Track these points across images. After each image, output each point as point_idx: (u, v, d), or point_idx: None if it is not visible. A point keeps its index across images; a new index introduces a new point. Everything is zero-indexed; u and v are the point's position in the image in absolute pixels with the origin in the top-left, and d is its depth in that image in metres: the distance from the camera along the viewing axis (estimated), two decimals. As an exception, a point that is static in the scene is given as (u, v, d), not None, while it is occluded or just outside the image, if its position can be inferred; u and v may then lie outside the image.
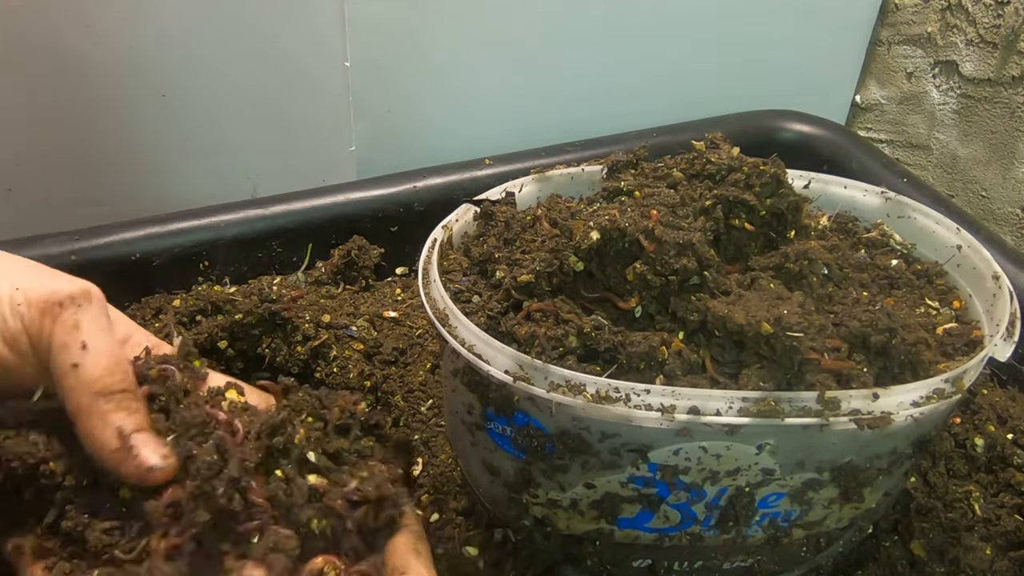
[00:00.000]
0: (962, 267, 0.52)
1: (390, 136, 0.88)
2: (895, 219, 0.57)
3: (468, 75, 0.87)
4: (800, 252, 0.47)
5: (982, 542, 0.55)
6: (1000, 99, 0.88)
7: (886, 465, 0.45)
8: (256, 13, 0.77)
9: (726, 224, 0.48)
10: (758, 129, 0.92)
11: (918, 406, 0.41)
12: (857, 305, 0.47)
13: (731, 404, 0.40)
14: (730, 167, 0.49)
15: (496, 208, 0.54)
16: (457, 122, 0.90)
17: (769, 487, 0.44)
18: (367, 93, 0.84)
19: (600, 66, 0.92)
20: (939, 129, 0.97)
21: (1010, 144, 0.88)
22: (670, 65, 0.94)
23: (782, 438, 0.41)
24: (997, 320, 0.47)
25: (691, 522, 0.46)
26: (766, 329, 0.41)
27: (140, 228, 0.72)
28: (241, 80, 0.79)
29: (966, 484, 0.59)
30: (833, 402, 0.40)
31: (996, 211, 0.92)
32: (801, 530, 0.48)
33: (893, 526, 0.56)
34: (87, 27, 0.72)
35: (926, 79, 0.97)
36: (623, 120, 0.90)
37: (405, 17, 0.81)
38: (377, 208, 0.79)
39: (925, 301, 0.51)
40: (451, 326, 0.44)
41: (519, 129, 0.90)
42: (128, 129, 0.79)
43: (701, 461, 0.42)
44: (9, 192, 0.78)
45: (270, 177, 0.85)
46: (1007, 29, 0.85)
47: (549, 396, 0.40)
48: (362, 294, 0.78)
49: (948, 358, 0.45)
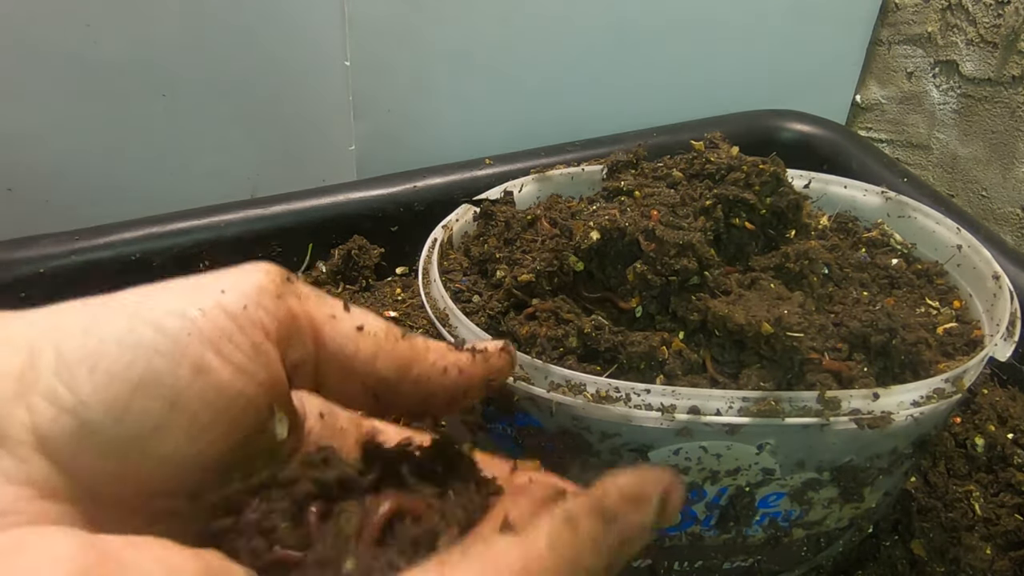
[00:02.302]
0: (962, 267, 0.52)
1: (390, 136, 0.88)
2: (895, 219, 0.57)
3: (468, 75, 0.87)
4: (800, 252, 0.47)
5: (982, 542, 0.55)
6: (1000, 99, 0.88)
7: (886, 465, 0.45)
8: (256, 13, 0.77)
9: (726, 224, 0.48)
10: (758, 129, 0.92)
11: (918, 406, 0.41)
12: (857, 305, 0.47)
13: (731, 404, 0.40)
14: (730, 166, 0.49)
15: (496, 208, 0.54)
16: (457, 122, 0.90)
17: (769, 487, 0.44)
18: (367, 93, 0.84)
19: (600, 66, 0.92)
20: (939, 129, 0.97)
21: (1010, 144, 0.88)
22: (670, 65, 0.94)
23: (782, 438, 0.41)
24: (997, 320, 0.47)
25: (691, 522, 0.46)
26: (766, 329, 0.41)
27: (140, 228, 0.72)
28: (241, 80, 0.79)
29: (966, 484, 0.59)
30: (833, 402, 0.40)
31: (996, 211, 0.92)
32: (801, 530, 0.48)
33: (893, 526, 0.56)
34: (87, 27, 0.72)
35: (926, 79, 0.97)
36: (623, 120, 0.90)
37: (405, 17, 0.81)
38: (377, 208, 0.79)
39: (925, 301, 0.51)
40: (451, 326, 0.44)
41: (519, 129, 0.90)
42: (128, 129, 0.79)
43: (701, 461, 0.42)
44: (9, 192, 0.78)
45: (270, 177, 0.85)
46: (1007, 29, 0.85)
47: (549, 396, 0.40)
48: (362, 294, 0.78)
49: (948, 358, 0.45)
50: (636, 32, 0.91)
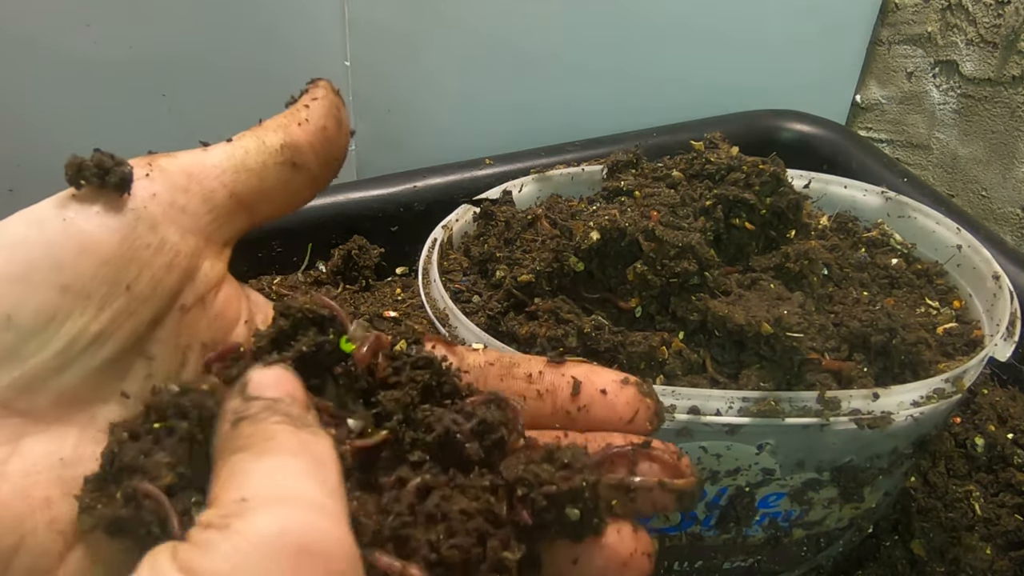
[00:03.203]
0: (962, 267, 0.52)
1: (390, 136, 0.88)
2: (895, 219, 0.57)
3: (468, 75, 0.87)
4: (800, 252, 0.47)
5: (982, 542, 0.55)
6: (1000, 99, 0.88)
7: (886, 465, 0.45)
8: (256, 13, 0.77)
9: (726, 224, 0.48)
10: (758, 129, 0.91)
11: (918, 406, 0.41)
12: (857, 305, 0.47)
13: (731, 404, 0.40)
14: (730, 166, 0.49)
15: (496, 208, 0.54)
16: (457, 122, 0.90)
17: (769, 487, 0.44)
18: (367, 93, 0.84)
19: (600, 66, 0.92)
20: (939, 129, 0.97)
21: (1010, 144, 0.88)
22: (670, 65, 0.94)
23: (782, 438, 0.41)
24: (997, 320, 0.47)
25: (691, 522, 0.46)
26: (766, 329, 0.41)
27: (140, 228, 0.72)
28: (241, 79, 0.79)
29: (966, 484, 0.59)
30: (833, 402, 0.40)
31: (996, 211, 0.92)
32: (801, 530, 0.48)
33: (893, 526, 0.56)
34: (87, 27, 0.72)
35: (926, 79, 0.97)
36: (623, 120, 0.90)
37: (405, 18, 0.81)
38: (377, 208, 0.79)
39: (925, 301, 0.51)
40: (451, 326, 0.44)
41: (519, 129, 0.90)
42: (128, 129, 0.79)
43: (701, 461, 0.42)
44: (9, 192, 0.78)
45: (270, 177, 0.85)
46: (1007, 29, 0.85)
47: (549, 396, 0.40)
48: (362, 294, 0.78)
49: (948, 358, 0.46)
50: (636, 32, 0.91)
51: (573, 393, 0.32)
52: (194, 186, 0.29)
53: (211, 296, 0.30)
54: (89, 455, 0.27)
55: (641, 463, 0.30)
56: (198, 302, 0.30)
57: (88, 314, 0.26)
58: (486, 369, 0.33)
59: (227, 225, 0.31)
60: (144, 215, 0.28)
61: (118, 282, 0.27)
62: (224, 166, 0.30)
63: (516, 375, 0.33)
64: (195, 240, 0.29)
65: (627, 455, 0.30)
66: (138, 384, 0.28)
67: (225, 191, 0.30)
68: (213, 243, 0.30)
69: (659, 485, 0.30)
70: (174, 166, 0.30)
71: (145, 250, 0.28)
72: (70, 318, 0.26)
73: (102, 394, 0.27)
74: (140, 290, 0.28)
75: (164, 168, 0.29)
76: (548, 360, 0.33)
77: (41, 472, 0.26)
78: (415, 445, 0.28)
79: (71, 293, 0.26)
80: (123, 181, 0.28)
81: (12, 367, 0.26)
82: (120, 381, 0.28)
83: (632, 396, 0.32)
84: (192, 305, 0.29)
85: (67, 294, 0.26)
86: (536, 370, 0.33)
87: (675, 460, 0.30)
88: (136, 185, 0.28)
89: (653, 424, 0.32)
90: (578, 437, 0.31)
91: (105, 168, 0.28)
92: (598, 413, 0.32)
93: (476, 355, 0.34)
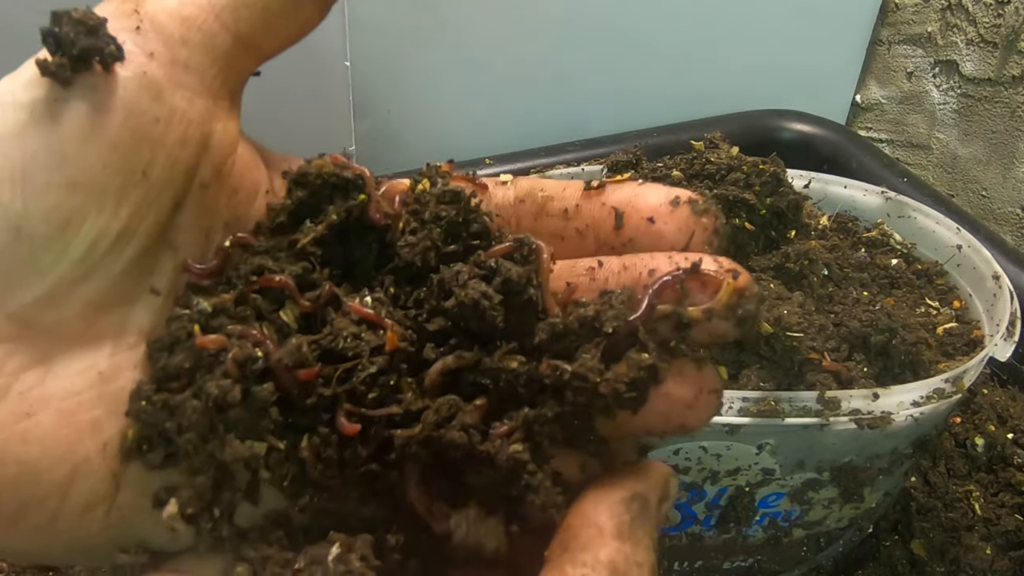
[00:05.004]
0: (962, 267, 0.52)
1: (390, 136, 0.88)
2: (895, 219, 0.57)
3: (468, 75, 0.87)
4: (800, 252, 0.47)
5: (982, 542, 0.55)
6: (1000, 99, 0.88)
7: (886, 465, 0.45)
8: (256, 13, 0.77)
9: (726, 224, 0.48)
10: (758, 129, 0.91)
11: (918, 406, 0.41)
12: (857, 305, 0.47)
13: (731, 404, 0.40)
14: (730, 166, 0.49)
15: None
16: (457, 122, 0.90)
17: (769, 487, 0.44)
18: (367, 93, 0.84)
19: (600, 66, 0.92)
20: (939, 129, 0.97)
21: (1010, 144, 0.88)
22: (670, 65, 0.94)
23: (782, 438, 0.41)
24: (997, 320, 0.47)
25: (691, 522, 0.46)
26: (766, 329, 0.41)
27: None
28: (241, 80, 0.79)
29: (966, 484, 0.59)
30: (833, 402, 0.40)
31: (996, 211, 0.92)
32: (801, 530, 0.48)
33: (893, 526, 0.56)
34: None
35: (926, 79, 0.97)
36: (623, 120, 0.90)
37: (405, 17, 0.81)
38: (377, 208, 0.79)
39: (925, 301, 0.51)
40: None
41: (519, 129, 0.90)
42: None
43: (701, 461, 0.42)
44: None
45: (270, 177, 0.85)
46: (1007, 29, 0.85)
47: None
48: (362, 294, 0.78)
49: (948, 358, 0.46)
50: (636, 32, 0.91)
51: (616, 227, 0.28)
52: (193, 34, 0.24)
53: (228, 165, 0.26)
54: (127, 363, 0.24)
55: (693, 291, 0.26)
56: (216, 175, 0.25)
57: (106, 212, 0.23)
58: (517, 207, 0.30)
59: (233, 75, 0.26)
60: (145, 82, 0.23)
61: (132, 169, 0.23)
62: (222, 1, 0.25)
63: (551, 211, 0.29)
64: (203, 103, 0.25)
65: (675, 284, 0.26)
66: (167, 278, 0.25)
67: (228, 34, 0.25)
68: (221, 100, 0.26)
69: (715, 312, 0.25)
70: (164, 12, 0.24)
71: (154, 125, 0.23)
72: (87, 219, 0.23)
73: (130, 295, 0.24)
74: (157, 175, 0.23)
75: (154, 17, 0.24)
76: (584, 189, 0.29)
77: (82, 392, 0.23)
78: (435, 312, 0.25)
79: (82, 190, 0.22)
80: (115, 48, 0.23)
81: (32, 282, 0.22)
82: (148, 276, 0.24)
83: (684, 220, 0.27)
84: (211, 180, 0.25)
85: (78, 192, 0.22)
86: (572, 203, 0.29)
87: (730, 278, 0.25)
88: (128, 45, 0.23)
89: (713, 246, 0.27)
90: (614, 263, 0.27)
91: (90, 29, 0.23)
92: (646, 245, 0.27)
93: (505, 190, 0.30)
